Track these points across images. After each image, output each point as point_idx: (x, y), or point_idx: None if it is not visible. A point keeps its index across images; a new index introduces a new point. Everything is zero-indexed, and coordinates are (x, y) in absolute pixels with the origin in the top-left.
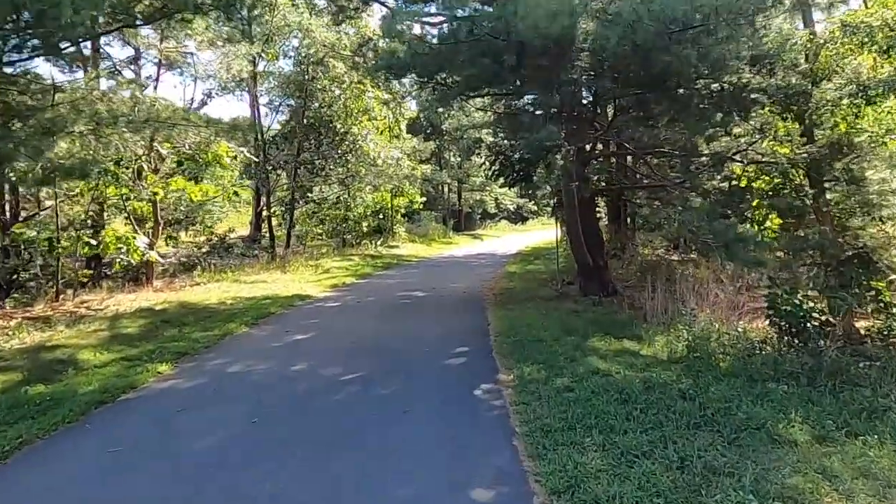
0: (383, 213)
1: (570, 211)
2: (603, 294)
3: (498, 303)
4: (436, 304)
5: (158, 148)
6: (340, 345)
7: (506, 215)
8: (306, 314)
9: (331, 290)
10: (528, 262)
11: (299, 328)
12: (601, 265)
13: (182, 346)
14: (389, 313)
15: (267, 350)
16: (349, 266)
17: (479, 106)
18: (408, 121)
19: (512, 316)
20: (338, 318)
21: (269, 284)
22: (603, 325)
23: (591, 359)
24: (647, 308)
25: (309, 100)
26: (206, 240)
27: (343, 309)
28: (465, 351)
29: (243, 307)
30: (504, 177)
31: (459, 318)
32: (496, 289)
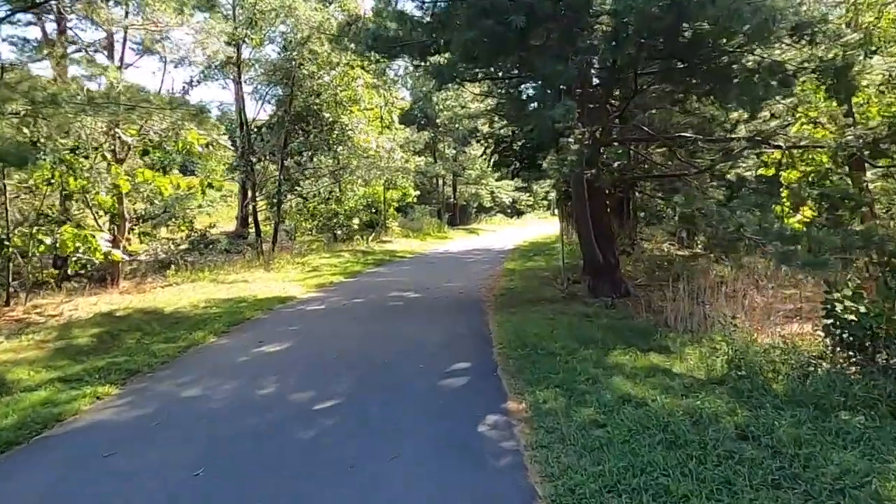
0: (375, 206)
1: (580, 203)
2: (615, 295)
3: (499, 305)
4: (430, 306)
5: (121, 134)
6: (320, 359)
7: (501, 209)
8: (286, 319)
9: (316, 291)
10: (528, 259)
11: (275, 337)
12: (612, 263)
13: (136, 361)
14: (379, 318)
15: (234, 366)
16: (338, 263)
17: (478, 92)
18: (400, 111)
19: (516, 321)
20: (320, 325)
21: (249, 284)
22: (621, 333)
23: (617, 380)
24: (667, 312)
25: (296, 88)
26: (186, 236)
27: (327, 313)
28: (464, 368)
29: (216, 311)
30: (505, 167)
31: (457, 325)
32: (496, 289)
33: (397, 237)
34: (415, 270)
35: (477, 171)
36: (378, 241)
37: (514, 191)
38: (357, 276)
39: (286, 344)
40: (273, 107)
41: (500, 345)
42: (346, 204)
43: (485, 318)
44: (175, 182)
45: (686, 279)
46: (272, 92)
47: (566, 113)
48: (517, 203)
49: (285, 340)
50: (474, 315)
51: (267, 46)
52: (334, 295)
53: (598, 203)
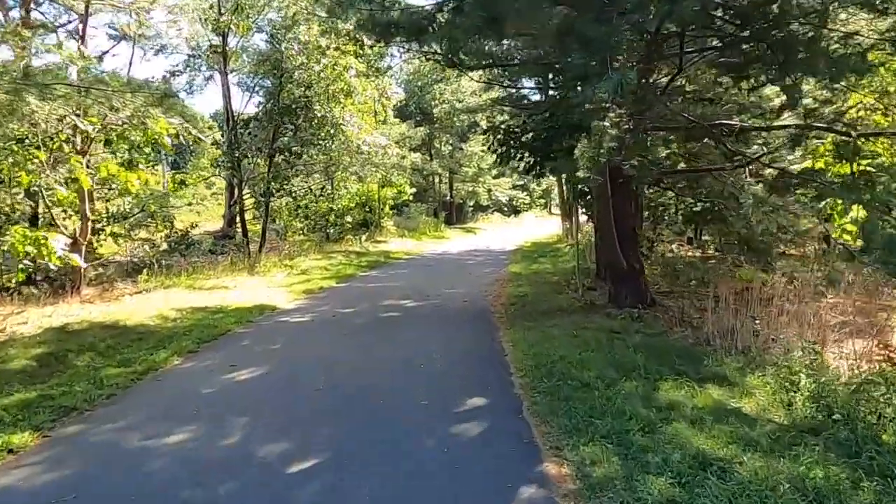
0: (369, 205)
1: (602, 202)
2: (640, 305)
3: (511, 317)
4: (432, 318)
5: (77, 122)
6: (301, 390)
7: (498, 208)
8: (266, 334)
9: (304, 298)
10: (533, 261)
11: (251, 359)
12: (637, 269)
13: (76, 393)
14: (372, 333)
15: (195, 401)
16: (329, 266)
17: (479, 78)
18: (395, 104)
19: (533, 339)
20: (305, 342)
21: (229, 291)
22: (663, 355)
23: (680, 427)
24: (707, 327)
25: (285, 79)
26: (165, 236)
27: (314, 326)
28: (480, 406)
29: (187, 324)
30: (513, 160)
31: (465, 343)
32: (503, 296)
33: (392, 237)
34: (412, 274)
35: (474, 168)
36: (372, 242)
37: (511, 189)
38: (349, 280)
39: (263, 368)
40: (262, 99)
41: (519, 371)
42: (339, 202)
43: (496, 334)
44: (143, 178)
45: (714, 285)
46: (261, 84)
47: (619, 85)
48: (514, 202)
49: (262, 363)
50: (483, 329)
51: (255, 36)
52: (323, 303)
53: (622, 201)
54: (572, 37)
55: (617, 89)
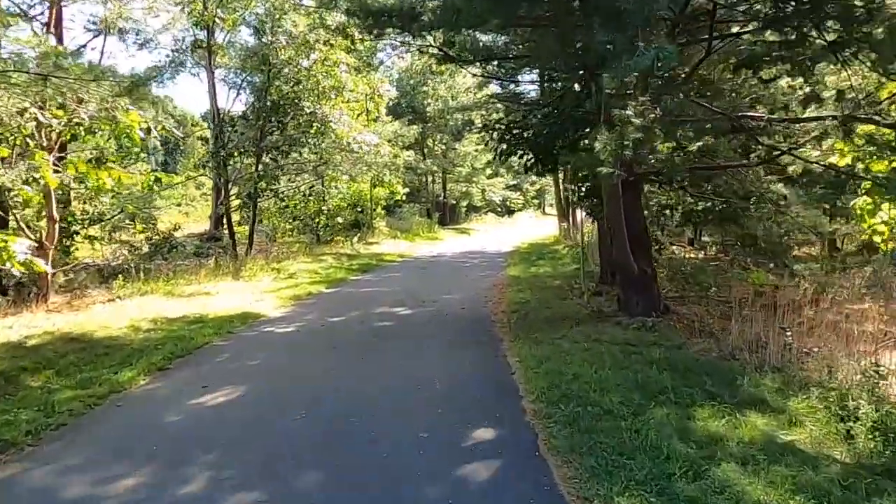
0: (361, 205)
1: (613, 201)
2: (654, 313)
3: (514, 327)
4: (428, 328)
5: (39, 115)
6: (279, 418)
7: (491, 208)
8: (246, 349)
9: (291, 305)
10: (531, 264)
11: (227, 377)
12: (649, 274)
13: (18, 424)
14: (363, 347)
15: (154, 435)
16: (319, 269)
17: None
18: (387, 102)
19: (542, 354)
20: (288, 358)
21: (211, 298)
22: (688, 373)
23: (729, 469)
24: (731, 338)
25: (273, 74)
26: (147, 239)
27: (299, 338)
28: (489, 439)
29: (161, 336)
30: (514, 157)
31: (466, 358)
32: (504, 302)
33: (385, 238)
34: (406, 278)
35: (468, 168)
36: (364, 243)
37: (505, 189)
38: (340, 285)
39: (238, 390)
40: (249, 96)
41: (530, 394)
42: (330, 202)
43: (500, 347)
44: (115, 176)
45: (726, 290)
46: (249, 80)
47: (655, 62)
48: (507, 202)
49: (239, 383)
50: (486, 342)
51: (242, 32)
52: (311, 311)
53: (632, 200)
54: (594, 11)
55: (654, 65)
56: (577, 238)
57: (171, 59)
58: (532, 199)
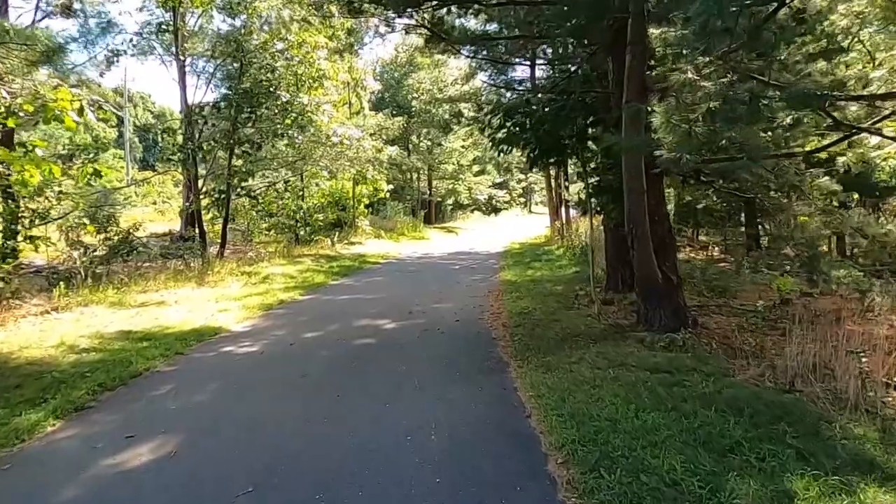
0: (343, 203)
1: (635, 197)
2: (681, 327)
3: (519, 346)
4: (417, 348)
5: None
6: (219, 493)
7: (477, 206)
8: (193, 378)
9: (259, 316)
10: (526, 266)
11: (159, 424)
12: (673, 282)
13: None
14: (337, 379)
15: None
16: (295, 272)
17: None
18: (370, 95)
19: (560, 385)
20: (242, 393)
21: (166, 308)
22: (757, 417)
23: None
24: (786, 364)
25: (247, 60)
26: (104, 239)
27: (261, 363)
28: None
29: (95, 359)
30: (513, 145)
31: (466, 394)
32: (503, 313)
33: (368, 238)
34: (391, 283)
35: (454, 164)
36: (346, 243)
37: (491, 187)
38: (317, 290)
39: (171, 444)
40: (221, 86)
41: (557, 450)
42: (310, 200)
43: (506, 376)
44: (46, 168)
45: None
46: (222, 68)
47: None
48: (493, 200)
49: (174, 433)
50: (488, 368)
51: (215, 18)
52: (281, 324)
53: (655, 196)
54: None
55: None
56: (573, 238)
57: (135, 42)
58: (518, 198)
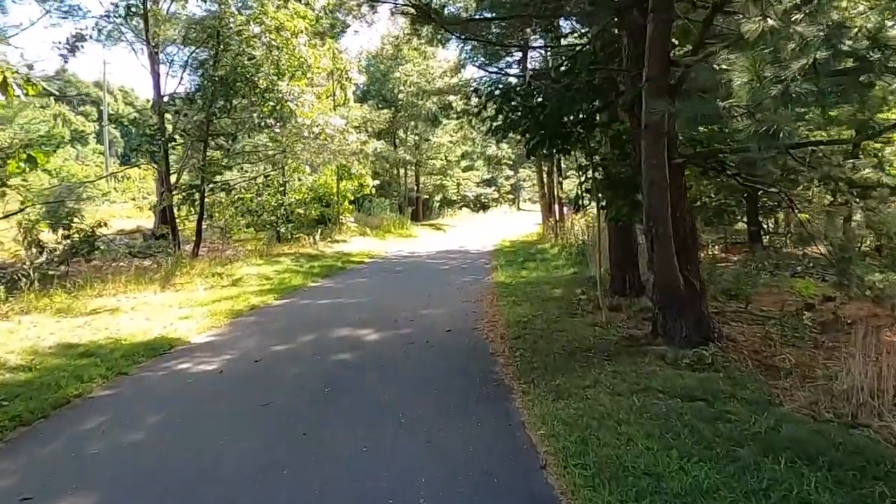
0: (326, 199)
1: (657, 191)
2: (706, 339)
3: (523, 366)
4: (404, 369)
5: None
6: None
7: (465, 203)
8: (135, 406)
9: (225, 325)
10: (520, 266)
11: (71, 480)
12: (696, 289)
13: None
14: (307, 411)
15: None
16: (272, 273)
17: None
18: (356, 89)
19: (580, 422)
20: (185, 434)
21: (121, 315)
22: (837, 471)
23: None
24: (845, 387)
25: (223, 45)
26: (64, 236)
27: (219, 386)
28: None
29: (19, 381)
30: (512, 131)
31: (464, 437)
32: (500, 321)
33: (353, 235)
34: (375, 285)
35: (442, 160)
36: (329, 241)
37: (480, 184)
38: (294, 294)
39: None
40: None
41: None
42: (291, 196)
43: (511, 406)
44: None
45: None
46: (196, 56)
47: None
48: (481, 197)
49: (83, 495)
50: (488, 395)
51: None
52: (248, 335)
53: (676, 191)
54: None
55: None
56: (567, 236)
57: (101, 27)
58: (507, 194)
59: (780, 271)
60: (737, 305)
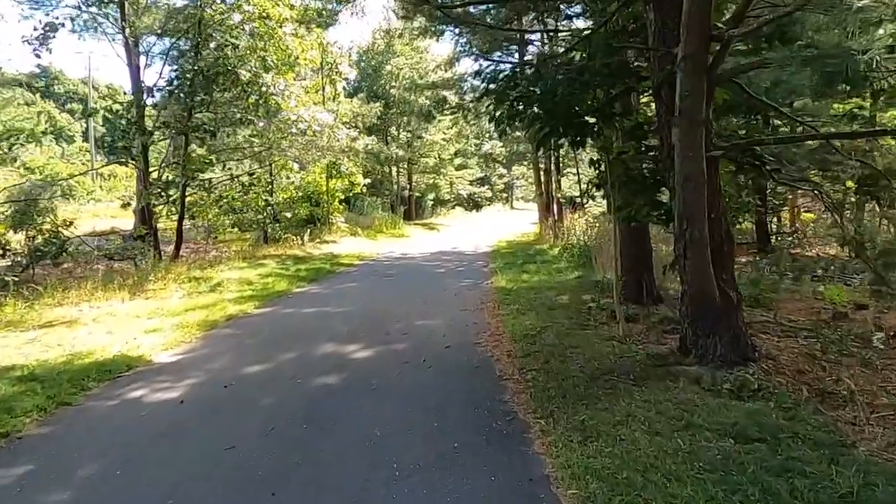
0: (316, 198)
1: (692, 188)
2: (744, 359)
3: (538, 393)
4: (395, 397)
5: None
6: None
7: (459, 202)
8: (69, 451)
9: (196, 338)
10: (520, 269)
11: None
12: (732, 299)
13: None
14: (277, 454)
15: None
16: (256, 277)
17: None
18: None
19: (618, 477)
20: (128, 486)
21: (79, 328)
22: None
23: None
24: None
25: (204, 36)
26: (28, 238)
27: (175, 421)
28: None
29: None
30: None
31: (472, 493)
32: (506, 336)
33: (343, 235)
34: (366, 291)
35: (434, 158)
36: (318, 242)
37: (473, 183)
38: (277, 301)
39: None
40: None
41: None
42: (279, 194)
43: (528, 451)
44: None
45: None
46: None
47: None
48: (474, 196)
49: None
50: (498, 433)
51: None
52: (220, 352)
53: (711, 187)
54: None
55: None
56: (567, 236)
57: (74, 17)
58: (500, 193)
59: (796, 274)
60: (762, 314)
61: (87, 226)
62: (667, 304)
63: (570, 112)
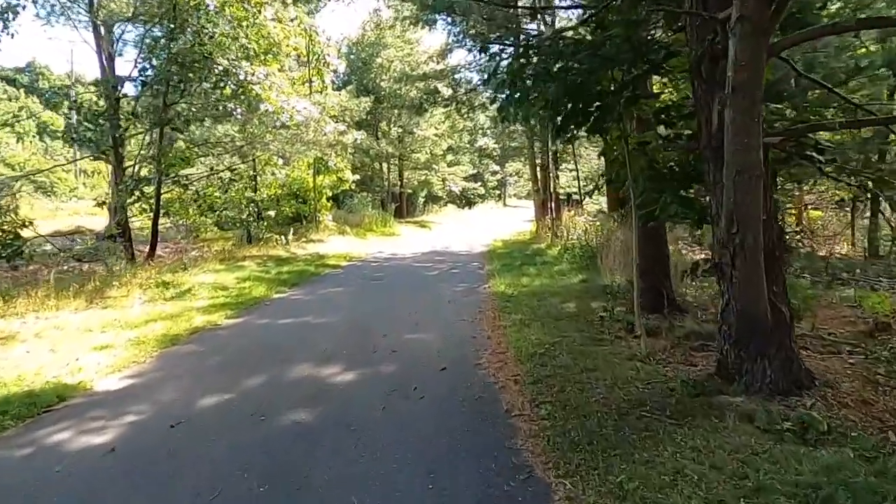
0: (302, 195)
1: (746, 182)
2: (797, 387)
3: (557, 437)
4: (379, 442)
5: None
6: None
7: (451, 199)
8: None
9: (150, 359)
10: (519, 271)
11: None
12: (784, 316)
13: None
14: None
15: None
16: (233, 281)
17: None
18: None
19: None
20: None
21: (14, 346)
22: None
23: None
24: None
25: (177, 24)
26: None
27: (95, 484)
28: None
29: None
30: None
31: None
32: (510, 354)
33: (331, 234)
34: (351, 295)
35: (426, 154)
36: (304, 241)
37: (465, 179)
38: (252, 310)
39: None
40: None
41: None
42: (263, 191)
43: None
44: None
45: None
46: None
47: None
48: (467, 192)
49: None
50: (511, 499)
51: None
52: (175, 377)
53: (763, 187)
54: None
55: None
56: (567, 235)
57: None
58: (493, 190)
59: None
60: (797, 326)
61: (66, 223)
62: (690, 314)
63: (591, 93)
